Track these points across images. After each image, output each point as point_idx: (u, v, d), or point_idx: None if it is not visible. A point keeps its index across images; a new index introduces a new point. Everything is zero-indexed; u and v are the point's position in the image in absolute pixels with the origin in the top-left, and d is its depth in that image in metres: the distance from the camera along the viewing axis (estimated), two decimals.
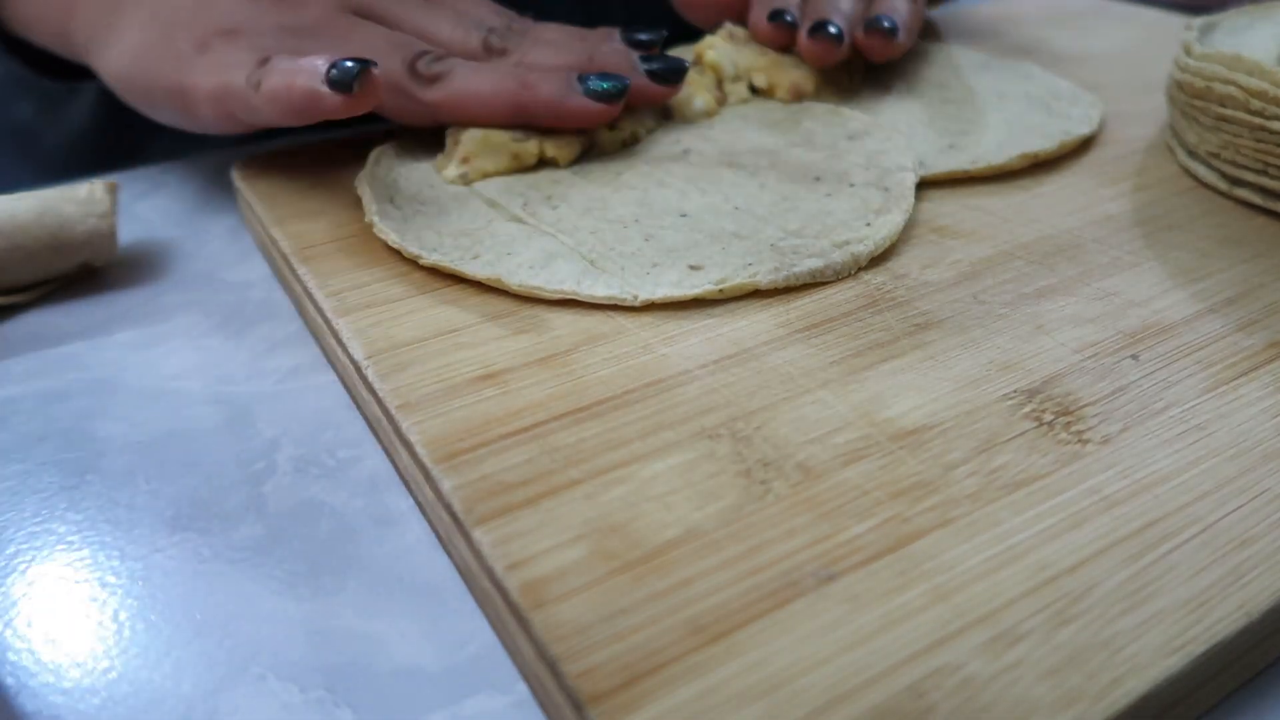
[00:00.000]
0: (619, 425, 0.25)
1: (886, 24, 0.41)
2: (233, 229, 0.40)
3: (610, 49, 0.38)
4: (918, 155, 0.37)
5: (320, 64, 0.32)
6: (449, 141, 0.37)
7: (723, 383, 0.26)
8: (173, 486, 0.27)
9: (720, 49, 0.43)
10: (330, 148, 0.40)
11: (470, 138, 0.36)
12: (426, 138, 0.39)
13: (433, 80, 0.35)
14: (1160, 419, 0.25)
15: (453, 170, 0.36)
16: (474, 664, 0.22)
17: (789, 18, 0.41)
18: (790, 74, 0.42)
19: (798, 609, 0.20)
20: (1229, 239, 0.33)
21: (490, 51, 0.37)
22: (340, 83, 0.31)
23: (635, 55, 0.38)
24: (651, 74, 0.37)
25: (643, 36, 0.39)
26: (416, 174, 0.36)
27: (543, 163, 0.36)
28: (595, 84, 0.35)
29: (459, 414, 0.25)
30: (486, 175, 0.36)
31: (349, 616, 0.23)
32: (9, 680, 0.22)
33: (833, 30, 0.40)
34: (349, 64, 0.32)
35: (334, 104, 0.32)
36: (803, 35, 0.41)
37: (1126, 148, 0.40)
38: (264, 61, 0.33)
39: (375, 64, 0.32)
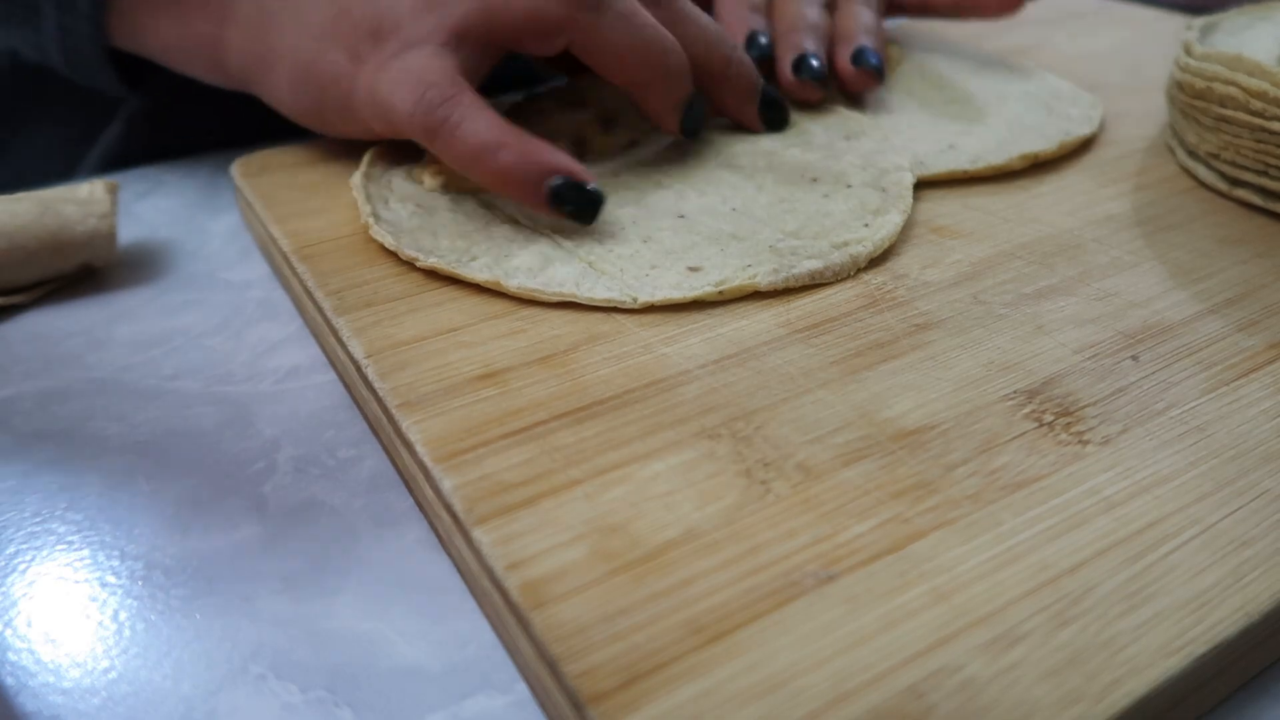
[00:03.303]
0: (619, 425, 0.25)
1: (874, 61, 0.40)
2: (233, 229, 0.40)
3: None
4: (917, 155, 0.37)
5: (547, 159, 0.31)
6: (428, 153, 0.36)
7: (723, 382, 0.26)
8: (173, 486, 0.27)
9: None
10: (330, 147, 0.40)
11: None
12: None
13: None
14: (1160, 420, 0.25)
15: (430, 180, 0.35)
16: (474, 664, 0.22)
17: (814, 65, 0.40)
18: None
19: (798, 609, 0.20)
20: (1229, 239, 0.33)
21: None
22: (563, 200, 0.31)
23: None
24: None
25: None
26: (411, 175, 0.36)
27: None
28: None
29: (459, 413, 0.25)
30: (463, 190, 0.35)
31: (349, 616, 0.23)
32: (9, 680, 0.22)
33: (815, 64, 0.40)
34: (585, 189, 0.31)
35: (533, 201, 0.31)
36: (786, 72, 0.40)
37: (1126, 148, 0.40)
38: (447, 100, 0.31)
39: (603, 197, 0.32)
